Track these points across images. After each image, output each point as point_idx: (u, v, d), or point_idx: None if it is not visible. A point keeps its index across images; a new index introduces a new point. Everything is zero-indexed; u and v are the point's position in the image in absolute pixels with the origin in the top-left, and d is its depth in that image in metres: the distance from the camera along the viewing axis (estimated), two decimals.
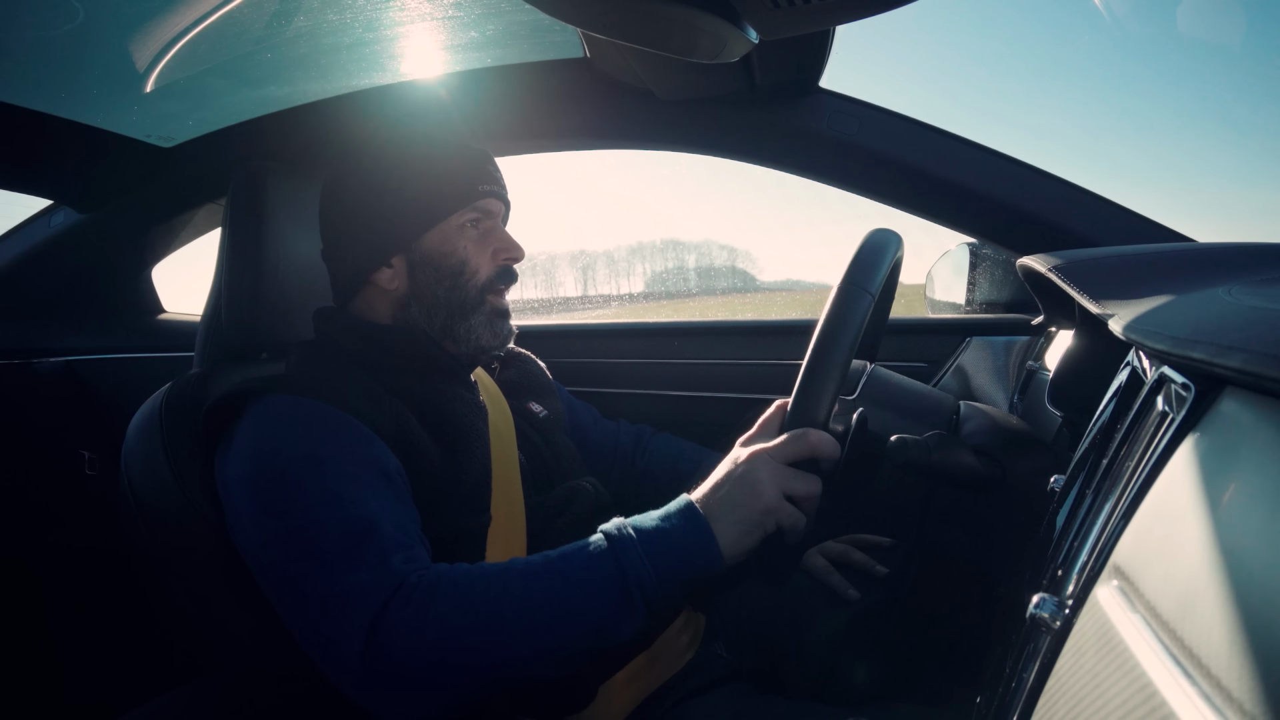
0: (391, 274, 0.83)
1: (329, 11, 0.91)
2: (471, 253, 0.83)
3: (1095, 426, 0.53)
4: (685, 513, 0.62)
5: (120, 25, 0.89)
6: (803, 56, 0.91)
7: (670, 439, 1.03)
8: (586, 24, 0.57)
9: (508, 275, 0.85)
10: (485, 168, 0.85)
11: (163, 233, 1.38)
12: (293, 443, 0.68)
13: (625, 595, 0.59)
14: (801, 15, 0.53)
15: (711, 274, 12.71)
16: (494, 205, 0.85)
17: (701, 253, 13.46)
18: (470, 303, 0.83)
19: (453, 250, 0.82)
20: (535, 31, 0.98)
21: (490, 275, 0.84)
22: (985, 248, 1.21)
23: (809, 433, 0.62)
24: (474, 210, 0.83)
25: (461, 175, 0.83)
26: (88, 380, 1.41)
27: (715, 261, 12.68)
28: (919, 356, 1.18)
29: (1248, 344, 0.29)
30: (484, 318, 0.83)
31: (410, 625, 0.58)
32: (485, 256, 0.84)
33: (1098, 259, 0.72)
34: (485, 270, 0.83)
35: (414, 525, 0.68)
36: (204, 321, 0.96)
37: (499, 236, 0.85)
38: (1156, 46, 44.51)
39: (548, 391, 0.98)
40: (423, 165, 0.82)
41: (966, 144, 0.99)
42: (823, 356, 0.62)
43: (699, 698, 0.75)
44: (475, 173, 0.84)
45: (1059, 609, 0.36)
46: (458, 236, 0.83)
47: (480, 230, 0.84)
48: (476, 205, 0.83)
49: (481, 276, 0.83)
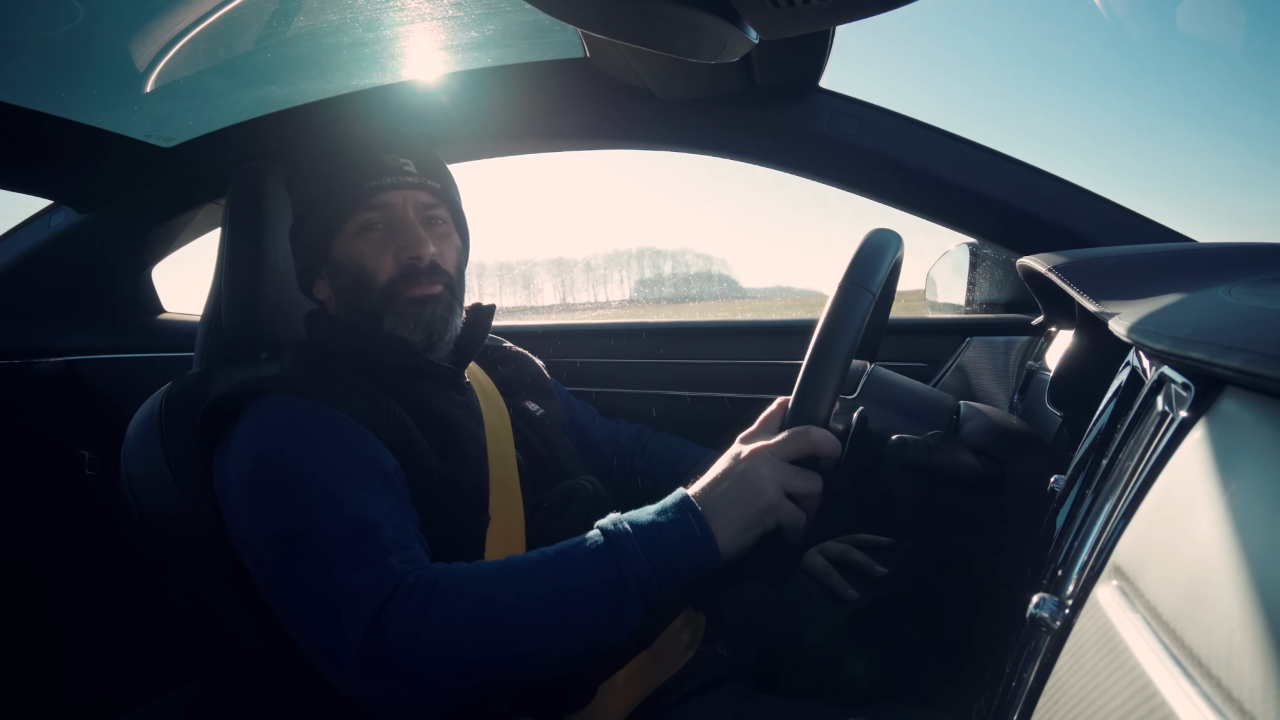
0: (323, 285, 0.84)
1: (329, 11, 0.91)
2: (369, 257, 0.79)
3: (1095, 426, 0.53)
4: (681, 507, 0.62)
5: (120, 25, 0.89)
6: (803, 56, 0.91)
7: (670, 438, 1.03)
8: (586, 24, 0.57)
9: (411, 275, 0.79)
10: (378, 159, 0.80)
11: (163, 233, 1.38)
12: (291, 443, 0.68)
13: (622, 591, 0.58)
14: (801, 15, 0.53)
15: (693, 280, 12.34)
16: (393, 198, 0.80)
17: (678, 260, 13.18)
18: (377, 306, 0.79)
19: (349, 258, 0.80)
20: (535, 31, 0.98)
21: (391, 277, 0.79)
22: (985, 248, 1.21)
23: (810, 430, 0.62)
24: (368, 210, 0.79)
25: (350, 174, 0.79)
26: (88, 380, 1.41)
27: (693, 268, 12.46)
28: (919, 356, 1.18)
29: (1248, 344, 0.29)
30: (395, 317, 0.79)
31: (408, 625, 0.58)
32: (386, 258, 0.79)
33: (1098, 259, 0.72)
34: (386, 272, 0.79)
35: (412, 525, 0.68)
36: (204, 321, 0.96)
37: (403, 233, 0.80)
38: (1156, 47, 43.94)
39: (545, 390, 0.98)
40: (322, 174, 0.81)
41: (966, 144, 0.99)
42: (824, 354, 0.62)
43: (699, 697, 0.75)
44: (364, 169, 0.79)
45: (1059, 609, 0.36)
46: (355, 242, 0.80)
47: (383, 230, 0.80)
48: (369, 203, 0.79)
49: (382, 279, 0.79)
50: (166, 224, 1.35)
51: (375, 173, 0.79)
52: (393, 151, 0.81)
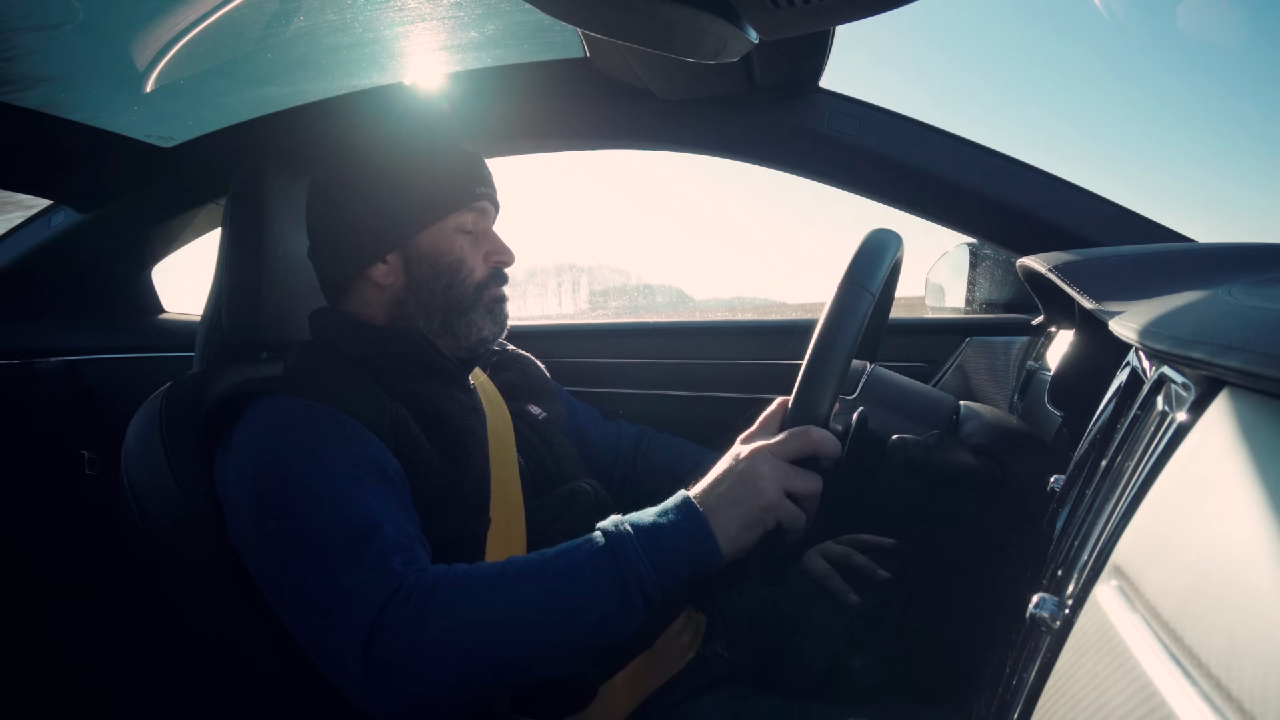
0: (386, 270, 0.83)
1: (329, 11, 0.91)
2: (467, 253, 0.84)
3: (1095, 426, 0.53)
4: (682, 508, 0.62)
5: (120, 25, 0.89)
6: (803, 56, 0.91)
7: (671, 439, 1.03)
8: (586, 24, 0.57)
9: (499, 278, 0.87)
10: (481, 171, 0.86)
11: (163, 233, 1.38)
12: (292, 444, 0.67)
13: (623, 592, 0.58)
14: (801, 15, 0.53)
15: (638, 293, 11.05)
16: (488, 208, 0.86)
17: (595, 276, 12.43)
18: (468, 300, 0.84)
19: (449, 249, 0.83)
20: (535, 31, 0.98)
21: (484, 276, 0.85)
22: (985, 248, 1.21)
23: (811, 430, 0.62)
24: (470, 211, 0.84)
25: (459, 176, 0.84)
26: (88, 380, 1.41)
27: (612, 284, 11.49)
28: (919, 356, 1.18)
29: (1248, 344, 0.29)
30: (482, 310, 0.85)
31: (409, 626, 0.58)
32: (479, 258, 0.85)
33: (1098, 259, 0.72)
34: (480, 271, 0.85)
35: (413, 527, 0.68)
36: (204, 321, 0.96)
37: (492, 239, 0.86)
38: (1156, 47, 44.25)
39: (547, 393, 0.98)
40: (422, 164, 0.83)
41: (966, 144, 0.99)
42: (824, 354, 0.62)
43: (699, 698, 0.75)
44: (472, 175, 0.85)
45: (1059, 609, 0.36)
46: (454, 236, 0.83)
47: (475, 232, 0.85)
48: (473, 207, 0.84)
49: (477, 276, 0.84)
50: (166, 224, 1.35)
51: (482, 180, 0.85)
52: (486, 168, 0.88)
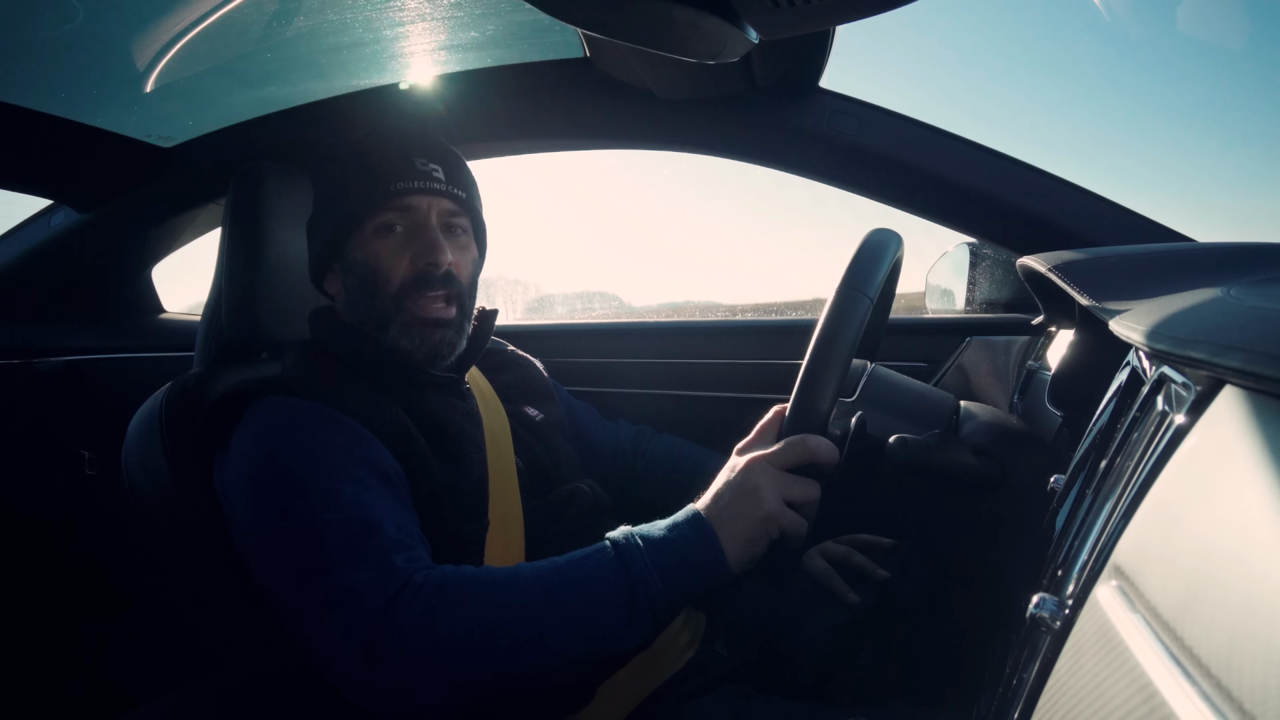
0: (334, 279, 0.84)
1: (329, 11, 0.91)
2: (384, 259, 0.78)
3: (1095, 426, 0.53)
4: (693, 523, 0.62)
5: (120, 25, 0.89)
6: (803, 56, 0.91)
7: (670, 439, 1.03)
8: (586, 24, 0.57)
9: (424, 281, 0.78)
10: (407, 161, 0.78)
11: (163, 233, 1.38)
12: (293, 444, 0.68)
13: (631, 604, 0.59)
14: (801, 15, 0.53)
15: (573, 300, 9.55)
16: (416, 202, 0.78)
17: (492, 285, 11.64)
18: (385, 312, 0.78)
19: (366, 257, 0.79)
20: (535, 31, 0.98)
21: (405, 281, 0.78)
22: (985, 248, 1.21)
23: (807, 438, 0.62)
24: (389, 210, 0.78)
25: (376, 174, 0.78)
26: (88, 380, 1.41)
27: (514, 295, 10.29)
28: (919, 356, 1.18)
29: (1248, 344, 0.29)
30: (400, 328, 0.78)
31: (415, 625, 0.58)
32: (402, 262, 0.78)
33: (1098, 259, 0.72)
34: (399, 277, 0.78)
35: (414, 527, 0.68)
36: (204, 321, 0.96)
37: (419, 238, 0.78)
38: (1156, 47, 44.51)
39: (545, 395, 0.97)
40: (348, 166, 0.80)
41: (966, 144, 0.99)
42: (820, 361, 0.62)
43: (699, 698, 0.75)
44: (391, 169, 0.78)
45: (1059, 609, 0.36)
46: (373, 241, 0.78)
47: (402, 233, 0.79)
48: (391, 205, 0.78)
49: (394, 284, 0.78)
50: (166, 224, 1.35)
51: (403, 174, 0.78)
52: (424, 155, 0.80)
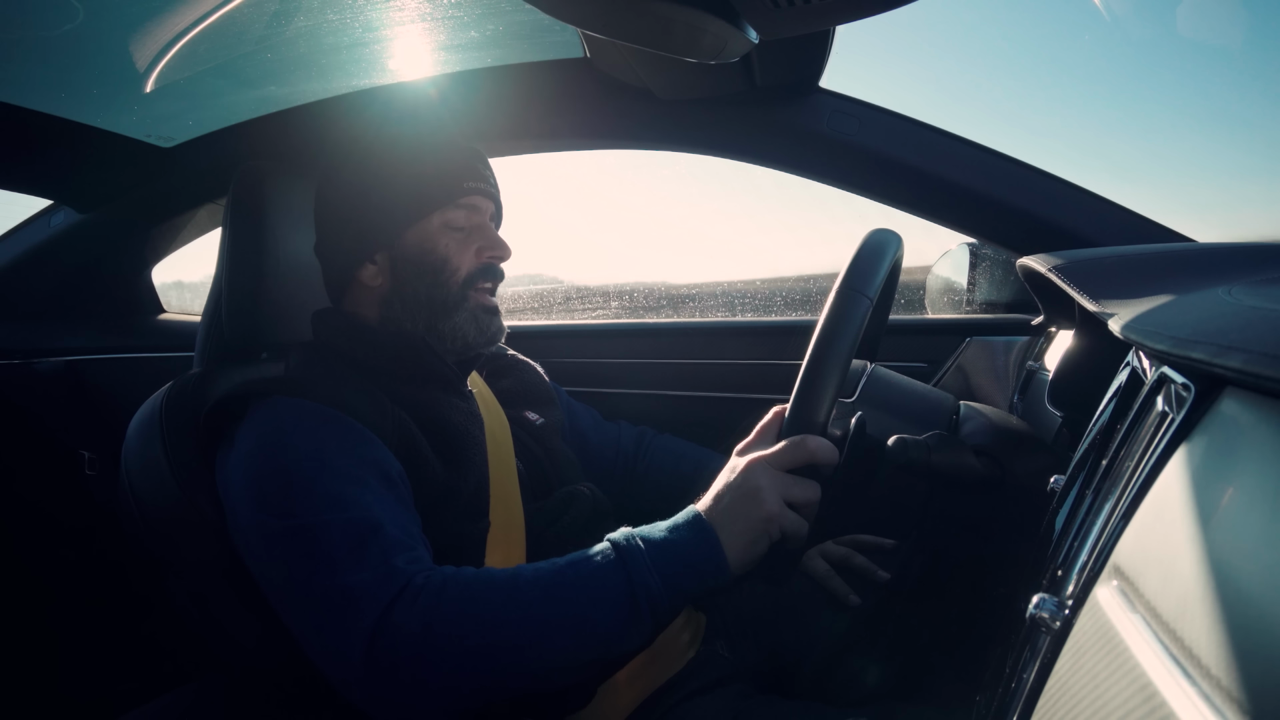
0: (375, 270, 0.83)
1: (329, 11, 0.91)
2: (454, 250, 0.82)
3: (1095, 426, 0.53)
4: (694, 525, 0.62)
5: (120, 25, 0.89)
6: (803, 56, 0.91)
7: (671, 440, 1.03)
8: (586, 24, 0.57)
9: (490, 272, 0.84)
10: (473, 165, 0.85)
11: (163, 233, 1.38)
12: (295, 445, 0.68)
13: (632, 605, 0.59)
14: (801, 15, 0.53)
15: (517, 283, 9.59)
16: (480, 203, 0.84)
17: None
18: (452, 300, 0.82)
19: (434, 247, 0.82)
20: (535, 31, 0.98)
21: (472, 271, 0.83)
22: (985, 248, 1.21)
23: (807, 439, 0.62)
24: (458, 208, 0.83)
25: (447, 172, 0.83)
26: (88, 380, 1.41)
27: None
28: (919, 356, 1.18)
29: (1248, 344, 0.29)
30: (468, 314, 0.83)
31: (415, 626, 0.58)
32: (469, 254, 0.83)
33: (1098, 259, 0.72)
34: (467, 267, 0.83)
35: (416, 528, 0.68)
36: (204, 321, 0.95)
37: (484, 234, 0.84)
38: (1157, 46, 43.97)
39: (545, 399, 0.97)
40: (408, 162, 0.82)
41: (967, 144, 0.99)
42: (819, 362, 0.62)
43: (699, 698, 0.75)
44: (461, 170, 0.83)
45: (1059, 609, 0.36)
46: (440, 234, 0.82)
47: (466, 228, 0.84)
48: (461, 203, 0.83)
49: (463, 273, 0.82)
50: (166, 224, 1.35)
51: (472, 175, 0.83)
52: (482, 161, 0.86)
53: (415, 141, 0.84)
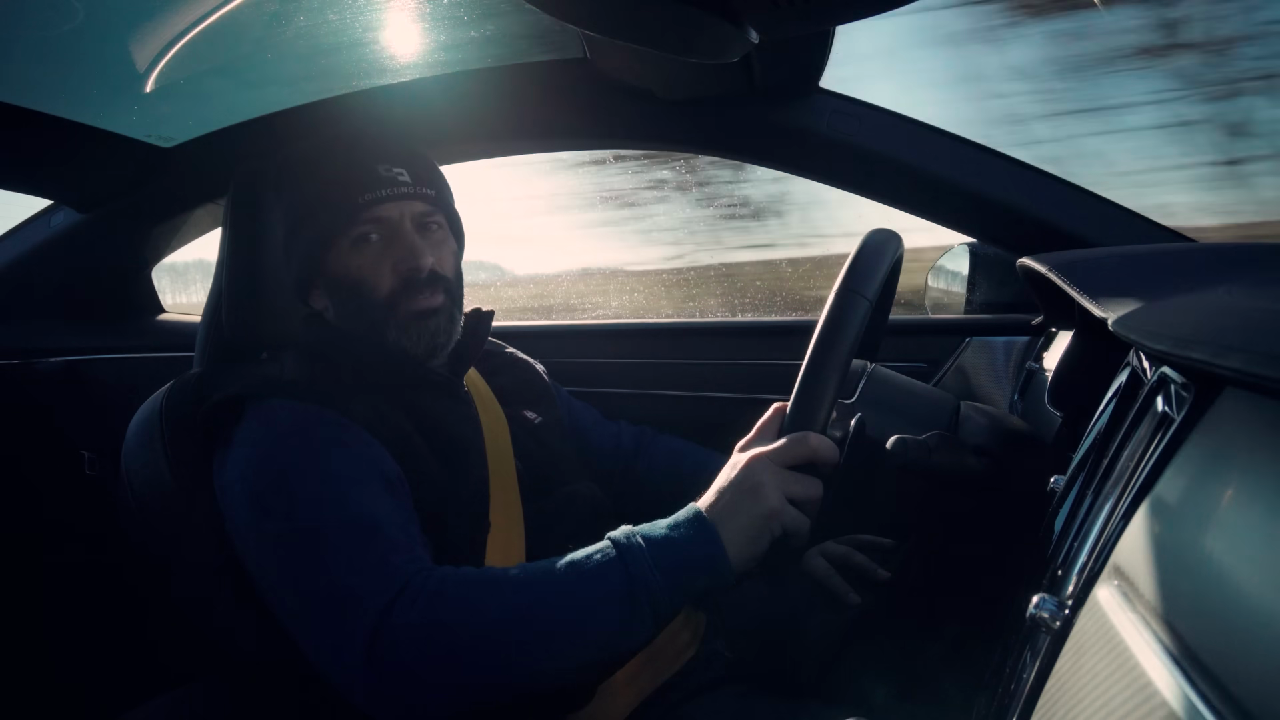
0: (319, 296, 0.83)
1: (329, 11, 0.91)
2: (368, 270, 0.77)
3: (1095, 426, 0.53)
4: (694, 522, 0.61)
5: (120, 25, 0.89)
6: (803, 56, 0.91)
7: (672, 440, 1.03)
8: (586, 24, 0.57)
9: (414, 285, 0.77)
10: (371, 172, 0.77)
11: (163, 233, 1.38)
12: (294, 446, 0.68)
13: (633, 605, 0.58)
14: (801, 15, 0.53)
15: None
16: (388, 211, 0.77)
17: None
18: (380, 319, 0.78)
19: (347, 272, 0.78)
20: (535, 31, 0.98)
21: (392, 289, 0.77)
22: (985, 248, 1.21)
23: (808, 436, 0.62)
24: (363, 223, 0.77)
25: (343, 187, 0.77)
26: (88, 380, 1.41)
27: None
28: (919, 356, 1.18)
29: (1248, 344, 0.29)
30: (398, 328, 0.78)
31: (415, 626, 0.58)
32: (384, 271, 0.77)
33: (1098, 259, 0.72)
34: (386, 285, 0.77)
35: (415, 529, 0.68)
36: (204, 321, 0.96)
37: (400, 245, 0.78)
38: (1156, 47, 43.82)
39: (544, 397, 0.97)
40: (312, 183, 0.79)
41: (966, 144, 1.00)
42: (820, 361, 0.62)
43: (699, 697, 0.75)
44: (354, 185, 0.77)
45: (1059, 609, 0.36)
46: (351, 256, 0.77)
47: (379, 242, 0.78)
48: (364, 218, 0.77)
49: (382, 292, 0.77)
50: (166, 224, 1.35)
51: (369, 185, 0.77)
52: (386, 161, 0.79)
53: (319, 154, 0.80)
